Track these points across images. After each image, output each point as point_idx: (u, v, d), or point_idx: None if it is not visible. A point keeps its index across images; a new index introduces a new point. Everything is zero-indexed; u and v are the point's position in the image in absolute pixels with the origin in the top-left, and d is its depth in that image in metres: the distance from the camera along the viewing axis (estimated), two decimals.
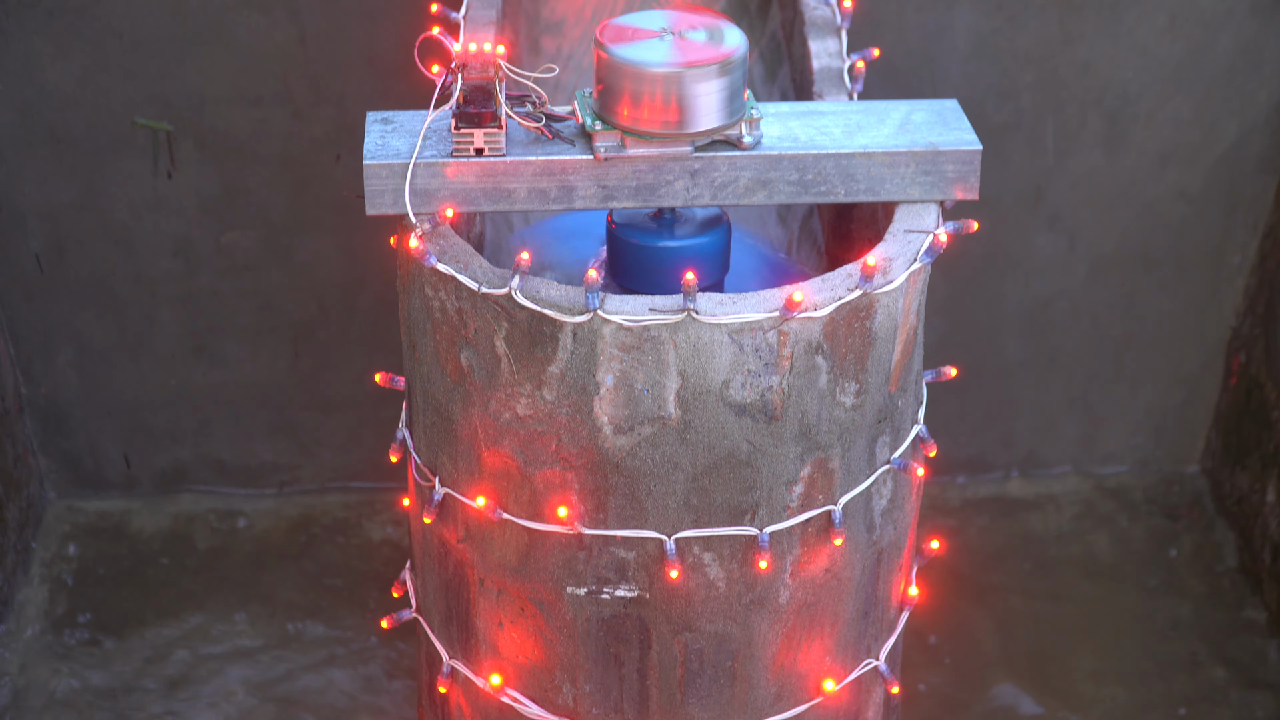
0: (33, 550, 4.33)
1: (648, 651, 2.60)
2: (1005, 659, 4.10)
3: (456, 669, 2.76)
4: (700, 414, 2.42)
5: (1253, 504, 4.31)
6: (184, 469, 4.47)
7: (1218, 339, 4.44)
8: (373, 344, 4.27)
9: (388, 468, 4.22)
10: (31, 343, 4.29)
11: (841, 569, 2.62)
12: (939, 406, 3.04)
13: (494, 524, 2.57)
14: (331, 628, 4.15)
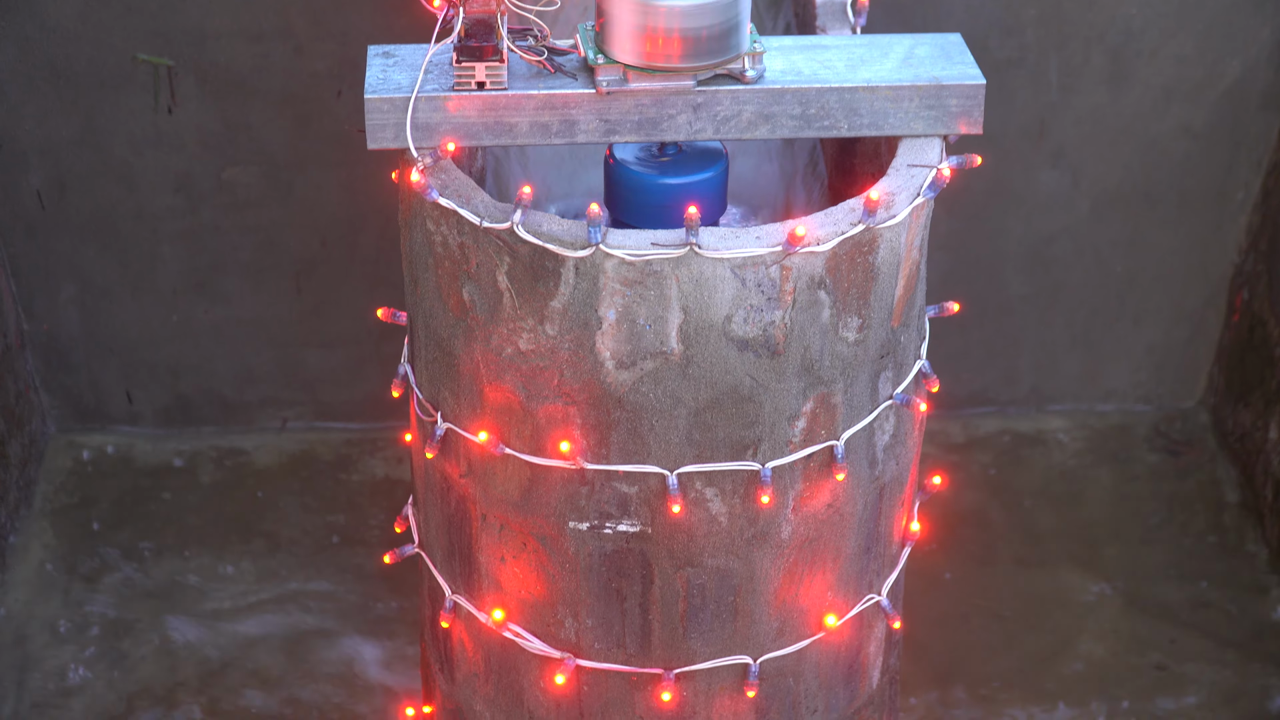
0: (35, 486, 4.34)
1: (650, 586, 2.61)
2: (1005, 597, 4.11)
3: (459, 604, 2.77)
4: (702, 349, 2.42)
5: (1255, 440, 4.31)
6: (186, 405, 4.47)
7: (1220, 275, 4.44)
8: (374, 280, 4.27)
9: (390, 403, 4.22)
10: (33, 279, 4.29)
11: (844, 504, 2.62)
12: (941, 343, 3.03)
13: (496, 459, 2.57)
14: (333, 563, 4.16)
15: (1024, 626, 4.04)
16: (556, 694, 2.73)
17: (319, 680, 3.90)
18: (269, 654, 3.95)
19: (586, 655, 2.67)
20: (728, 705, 2.72)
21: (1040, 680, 3.91)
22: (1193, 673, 3.92)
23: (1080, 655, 3.97)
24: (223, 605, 4.08)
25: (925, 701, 3.85)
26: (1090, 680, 3.91)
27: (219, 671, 3.92)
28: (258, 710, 3.83)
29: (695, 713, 2.71)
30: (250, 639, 3.99)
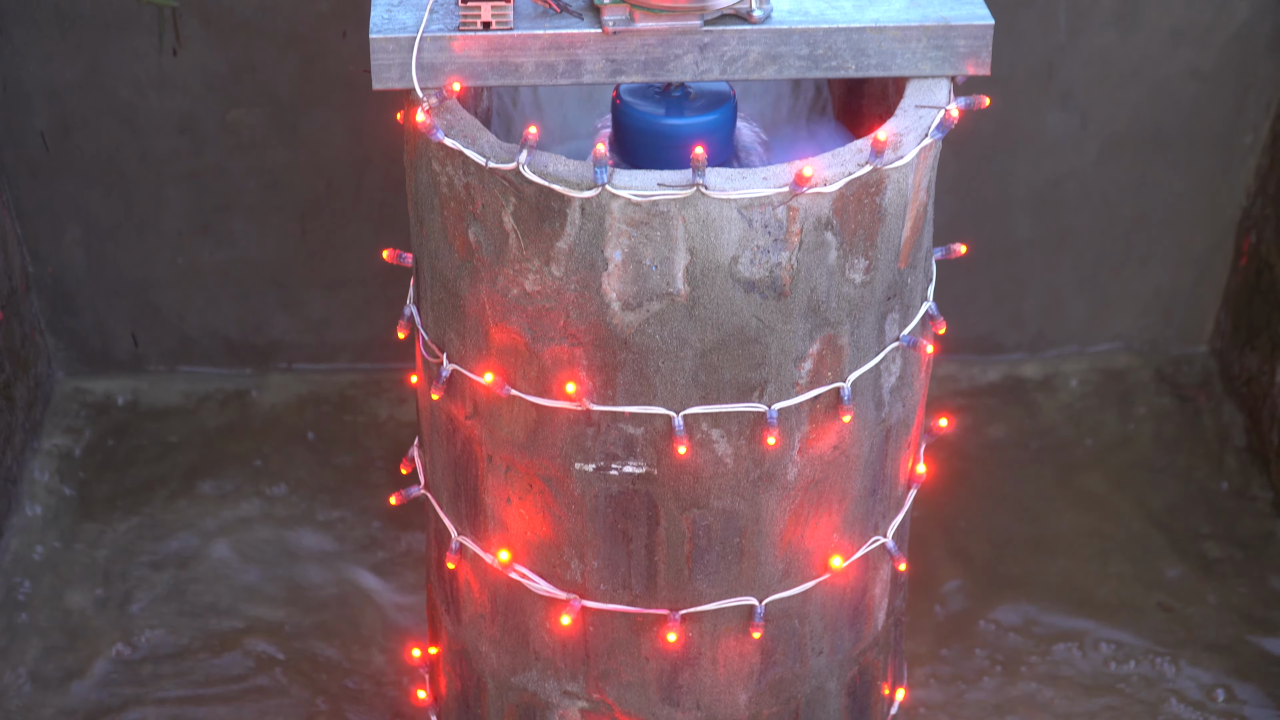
0: (41, 429, 4.34)
1: (655, 528, 2.61)
2: (1010, 538, 4.11)
3: (465, 545, 2.77)
4: (709, 290, 2.41)
5: (1261, 384, 4.30)
6: (191, 347, 4.47)
7: (1228, 219, 4.43)
8: (380, 221, 4.26)
9: (395, 345, 4.23)
10: (38, 222, 4.28)
11: (850, 446, 2.62)
12: (948, 286, 3.03)
13: (502, 400, 2.57)
14: (340, 505, 4.17)
15: (1026, 569, 4.04)
16: (562, 635, 2.74)
17: (324, 621, 3.91)
18: (274, 595, 3.96)
19: (592, 596, 2.68)
20: (733, 646, 2.72)
21: (1038, 625, 3.91)
22: (1197, 615, 3.93)
23: (1084, 597, 3.97)
24: (228, 546, 4.08)
25: (926, 638, 3.86)
26: (1093, 620, 3.92)
27: (225, 612, 3.93)
28: (263, 651, 3.84)
29: (701, 654, 2.72)
30: (256, 580, 4.00)
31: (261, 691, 3.77)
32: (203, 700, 3.75)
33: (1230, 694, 3.77)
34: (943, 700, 3.76)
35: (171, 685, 3.78)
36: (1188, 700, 3.76)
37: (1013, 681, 3.79)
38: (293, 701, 3.74)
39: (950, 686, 3.78)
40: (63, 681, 3.78)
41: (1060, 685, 3.78)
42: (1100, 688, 3.78)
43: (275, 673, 3.80)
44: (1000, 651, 3.85)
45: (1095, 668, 3.82)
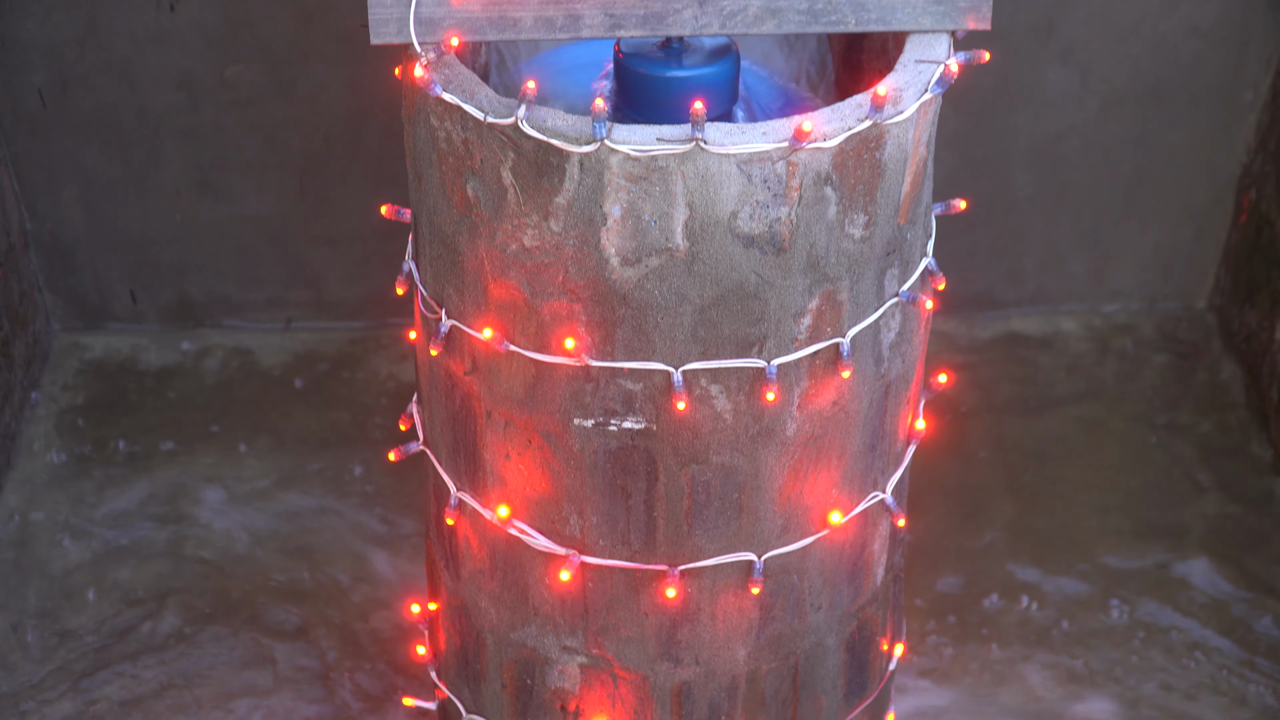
0: (40, 386, 4.34)
1: (655, 483, 2.61)
2: (1009, 493, 4.12)
3: (464, 501, 2.77)
4: (708, 245, 2.40)
5: (1261, 341, 4.30)
6: (190, 304, 4.46)
7: (1228, 175, 4.42)
8: (378, 177, 4.25)
9: (394, 301, 4.23)
10: (36, 178, 4.28)
11: (849, 402, 2.61)
12: (947, 242, 3.02)
13: (501, 356, 2.57)
14: (338, 462, 4.17)
15: (1025, 525, 4.04)
16: (561, 590, 2.74)
17: (323, 578, 3.91)
18: (274, 551, 3.97)
19: (591, 552, 2.68)
20: (732, 602, 2.73)
21: (1040, 579, 3.92)
22: (1195, 573, 3.94)
23: (1082, 554, 3.98)
24: (227, 503, 4.09)
25: (925, 594, 3.87)
26: (1091, 578, 3.92)
27: (224, 567, 3.93)
28: (262, 606, 3.85)
29: (700, 609, 2.72)
30: (255, 536, 4.00)
31: (259, 647, 3.78)
32: (202, 656, 3.76)
33: (1229, 651, 3.78)
34: (941, 656, 3.76)
35: (170, 640, 3.78)
36: (1186, 658, 3.76)
37: (1010, 637, 3.80)
38: (290, 657, 3.75)
39: (949, 643, 3.79)
40: (60, 637, 3.79)
41: (1058, 641, 3.79)
42: (1098, 644, 3.79)
43: (273, 629, 3.81)
44: (998, 607, 3.86)
45: (1094, 624, 3.83)
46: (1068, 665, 3.74)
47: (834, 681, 2.95)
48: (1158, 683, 3.71)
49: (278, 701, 3.67)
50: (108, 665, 3.72)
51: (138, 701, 3.66)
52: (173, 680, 3.71)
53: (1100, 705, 3.67)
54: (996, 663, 3.75)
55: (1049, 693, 3.69)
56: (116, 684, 3.69)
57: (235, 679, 3.71)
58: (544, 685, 2.88)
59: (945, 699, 3.67)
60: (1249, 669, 3.73)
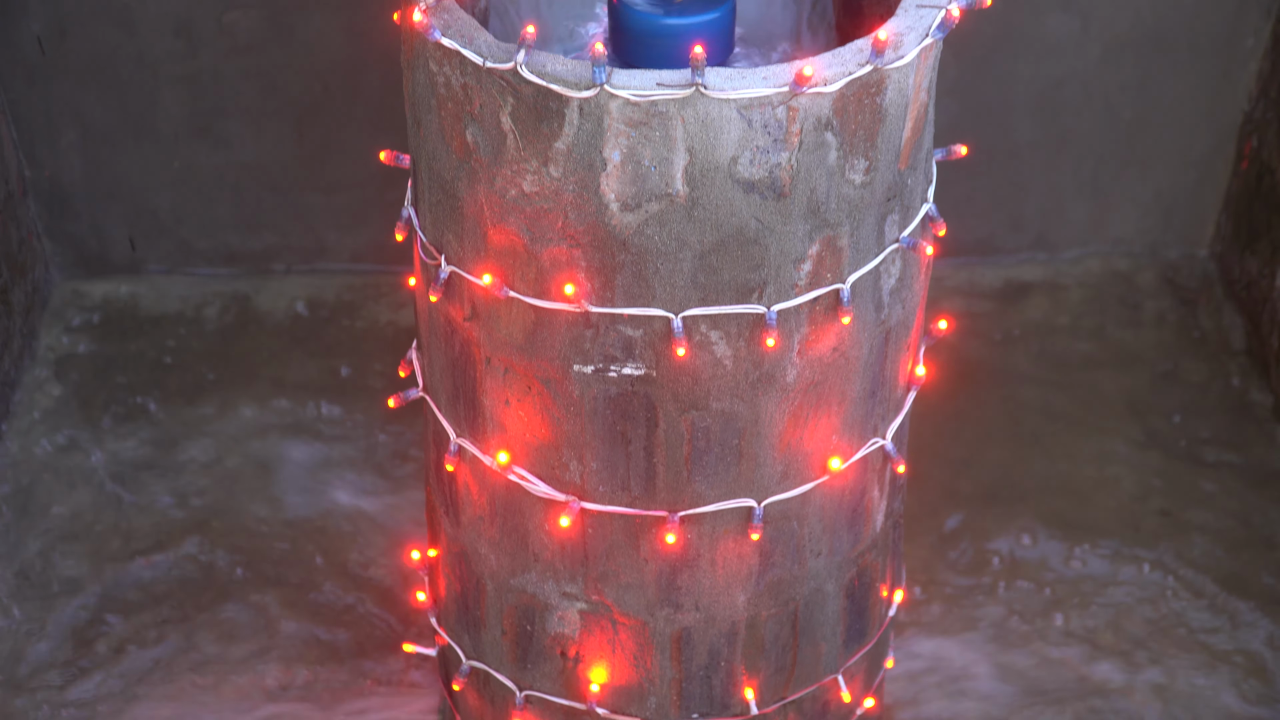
0: (39, 334, 4.34)
1: (654, 429, 2.61)
2: (1009, 440, 4.12)
3: (464, 447, 2.77)
4: (708, 191, 2.40)
5: (1261, 289, 4.30)
6: (189, 252, 4.46)
7: (1230, 122, 4.41)
8: (377, 124, 4.24)
9: (393, 248, 4.22)
10: (34, 126, 4.26)
11: (849, 348, 2.61)
12: (948, 189, 3.01)
13: (500, 302, 2.56)
14: (339, 408, 4.17)
15: (1025, 471, 4.05)
16: (561, 537, 2.74)
17: (323, 525, 3.92)
18: (273, 499, 3.97)
19: (591, 498, 2.68)
20: (732, 548, 2.73)
21: (1040, 527, 3.92)
22: (1196, 519, 3.94)
23: (1083, 500, 3.98)
24: (228, 449, 4.09)
25: (926, 533, 3.87)
26: (1092, 524, 3.93)
27: (224, 513, 3.94)
28: (262, 553, 3.86)
29: (700, 555, 2.73)
30: (255, 483, 4.01)
31: (259, 594, 3.78)
32: (201, 603, 3.77)
33: (1229, 600, 3.79)
34: (939, 604, 3.77)
35: (169, 588, 3.79)
36: (1187, 605, 3.77)
37: (1009, 586, 3.81)
38: (291, 605, 3.76)
39: (947, 590, 3.80)
40: (60, 586, 3.79)
41: (1057, 590, 3.80)
42: (1098, 592, 3.80)
43: (273, 576, 3.82)
44: (997, 555, 3.86)
45: (1093, 572, 3.83)
46: (1067, 612, 3.75)
47: (834, 627, 2.95)
48: (1160, 628, 3.72)
49: (279, 649, 3.68)
50: (108, 612, 3.73)
51: (138, 649, 3.67)
52: (173, 627, 3.72)
53: (1103, 655, 3.68)
54: (995, 611, 3.75)
55: (1052, 642, 3.70)
56: (116, 631, 3.70)
57: (236, 626, 3.72)
58: (544, 631, 2.88)
59: (946, 648, 3.68)
60: (1249, 618, 3.74)
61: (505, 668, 2.98)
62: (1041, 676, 3.63)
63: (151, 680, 3.62)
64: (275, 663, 3.65)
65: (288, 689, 3.61)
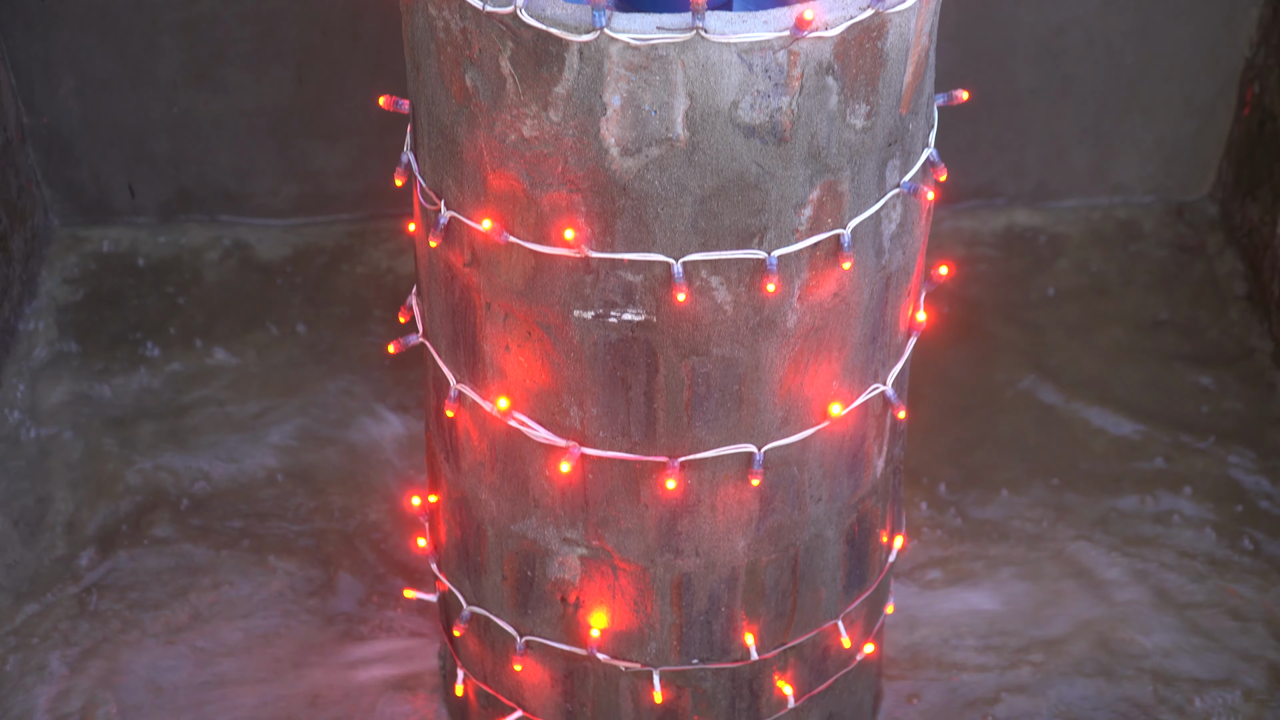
0: (38, 280, 4.33)
1: (655, 375, 2.60)
2: (1010, 387, 4.12)
3: (464, 393, 2.77)
4: (708, 135, 2.39)
5: (1263, 235, 4.29)
6: (188, 198, 4.45)
7: (1231, 69, 4.39)
8: (376, 69, 4.23)
9: (393, 194, 4.21)
10: (32, 72, 4.25)
11: (850, 293, 2.61)
12: (949, 135, 3.00)
13: (500, 247, 2.56)
14: (337, 354, 4.17)
15: (1025, 418, 4.05)
16: (561, 482, 2.74)
17: (323, 470, 3.92)
18: (273, 445, 3.98)
19: (591, 444, 2.68)
20: (732, 494, 2.73)
21: (1041, 472, 3.93)
22: (1196, 467, 3.94)
23: (1083, 448, 3.99)
24: (227, 395, 4.09)
25: (925, 485, 3.88)
26: (1092, 472, 3.93)
27: (224, 460, 3.94)
28: (261, 499, 3.86)
29: (700, 501, 2.73)
30: (254, 429, 4.01)
31: (259, 540, 3.79)
32: (200, 547, 3.77)
33: (1230, 538, 3.79)
34: (939, 547, 3.78)
35: (169, 531, 3.79)
36: (1187, 550, 3.78)
37: (1008, 530, 3.81)
38: (290, 551, 3.76)
39: (947, 533, 3.80)
40: (61, 529, 3.80)
41: (1057, 534, 3.80)
42: (1097, 538, 3.80)
43: (273, 523, 3.82)
44: (997, 501, 3.87)
45: (1093, 518, 3.84)
46: (1061, 559, 3.76)
47: (833, 573, 2.96)
48: (1160, 565, 3.73)
49: (277, 592, 3.68)
50: (109, 557, 3.74)
51: (139, 594, 3.68)
52: (173, 572, 3.72)
53: (1103, 591, 3.69)
54: (997, 553, 3.76)
55: (1056, 583, 3.71)
56: (117, 576, 3.71)
57: (235, 570, 3.72)
58: (544, 577, 2.89)
59: (952, 592, 3.69)
60: (1247, 564, 3.75)
61: (506, 613, 2.99)
62: (1048, 613, 3.66)
63: (147, 626, 3.63)
64: (273, 608, 3.66)
65: (285, 635, 3.62)
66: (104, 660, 3.56)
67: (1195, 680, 3.53)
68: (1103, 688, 3.52)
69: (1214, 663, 3.56)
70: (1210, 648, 3.59)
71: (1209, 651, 3.58)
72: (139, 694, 3.51)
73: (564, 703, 3.07)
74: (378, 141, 4.30)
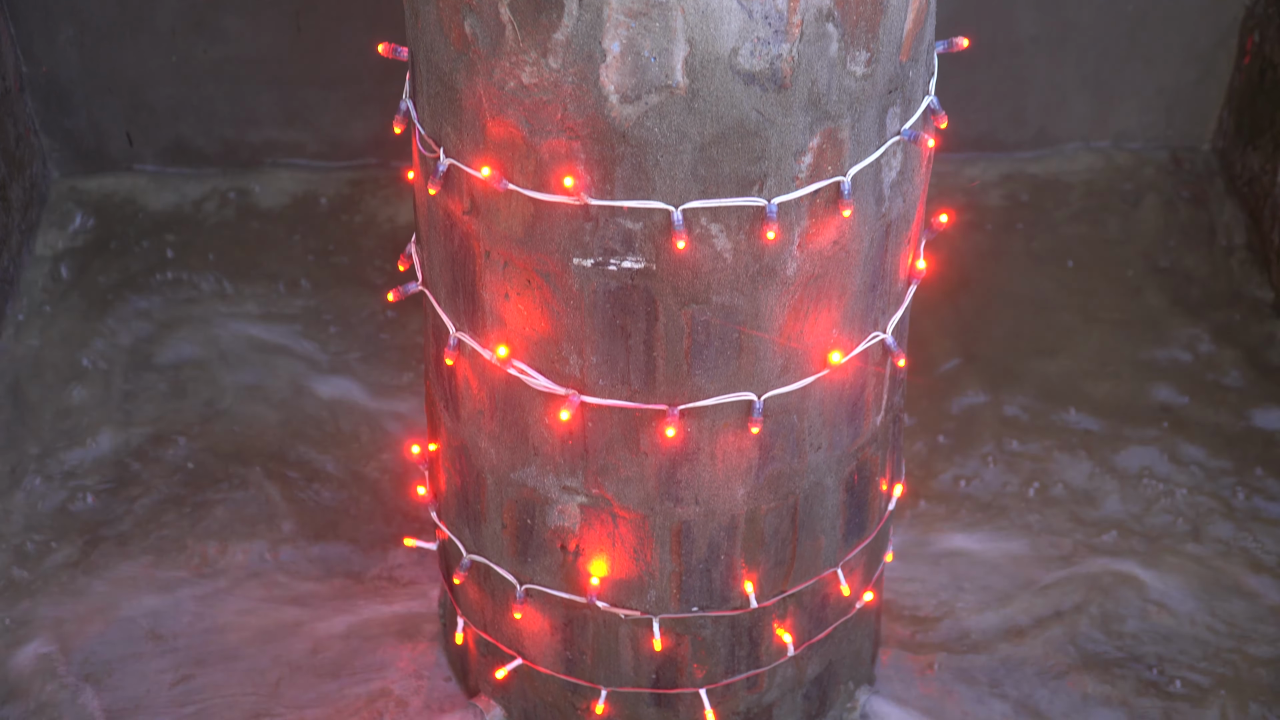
0: (37, 230, 4.33)
1: (654, 323, 2.60)
2: (1010, 335, 4.12)
3: (463, 341, 2.77)
4: (708, 82, 2.38)
5: (1263, 184, 4.28)
6: (186, 146, 4.44)
7: (1232, 17, 4.38)
8: (375, 16, 4.21)
9: (392, 142, 4.20)
10: (31, 21, 4.23)
11: (849, 241, 2.60)
12: (950, 82, 2.99)
13: (499, 195, 2.55)
14: (337, 302, 4.16)
15: (1026, 367, 4.05)
16: (561, 430, 2.74)
17: (322, 418, 3.92)
18: (273, 394, 3.98)
19: (591, 392, 2.68)
20: (732, 441, 2.73)
21: (1041, 422, 3.93)
22: (1196, 414, 3.94)
23: (1083, 398, 3.99)
24: (227, 344, 4.09)
25: (926, 435, 3.88)
26: (1093, 423, 3.93)
27: (225, 409, 3.94)
28: (262, 446, 3.86)
29: (699, 449, 2.73)
30: (255, 378, 4.01)
31: (260, 488, 3.79)
32: (201, 498, 3.78)
33: (1229, 488, 3.80)
34: (941, 494, 3.78)
35: (165, 479, 3.80)
36: (1186, 493, 3.78)
37: (1010, 475, 3.82)
38: (291, 498, 3.77)
39: (949, 481, 3.80)
40: (60, 478, 3.80)
41: (1058, 480, 3.81)
42: (1098, 482, 3.80)
43: (273, 470, 3.82)
44: (999, 447, 3.87)
45: (1094, 463, 3.84)
46: (1062, 504, 3.76)
47: (833, 521, 2.96)
48: (1159, 514, 3.73)
49: (275, 543, 3.69)
50: (110, 506, 3.74)
51: (140, 543, 3.69)
52: (175, 521, 3.73)
53: (1101, 528, 3.70)
54: (989, 499, 3.76)
55: (1054, 534, 3.71)
56: (118, 525, 3.71)
57: (237, 519, 3.73)
58: (544, 525, 2.89)
59: (950, 535, 3.70)
60: (1242, 505, 3.76)
61: (505, 561, 2.99)
62: (1041, 552, 3.67)
63: (144, 572, 3.63)
64: (271, 556, 3.66)
65: (284, 583, 3.62)
66: (102, 607, 3.56)
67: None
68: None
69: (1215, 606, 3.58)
70: (1207, 594, 3.61)
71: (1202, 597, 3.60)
72: (137, 642, 3.51)
73: (564, 650, 3.08)
74: (377, 89, 4.29)
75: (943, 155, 4.37)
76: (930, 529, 3.72)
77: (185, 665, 3.48)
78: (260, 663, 3.49)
